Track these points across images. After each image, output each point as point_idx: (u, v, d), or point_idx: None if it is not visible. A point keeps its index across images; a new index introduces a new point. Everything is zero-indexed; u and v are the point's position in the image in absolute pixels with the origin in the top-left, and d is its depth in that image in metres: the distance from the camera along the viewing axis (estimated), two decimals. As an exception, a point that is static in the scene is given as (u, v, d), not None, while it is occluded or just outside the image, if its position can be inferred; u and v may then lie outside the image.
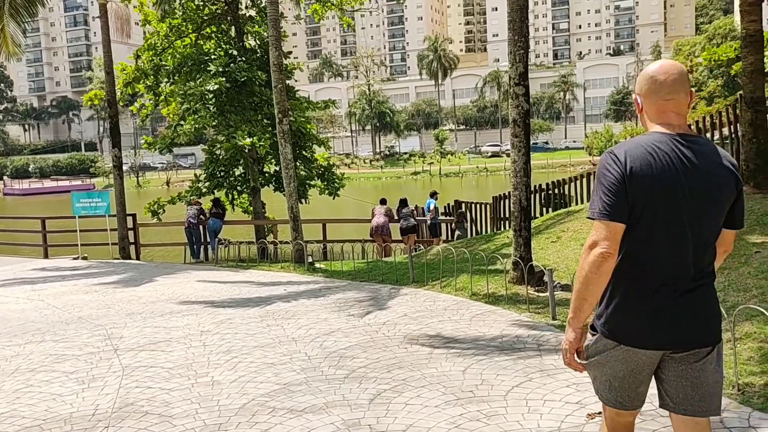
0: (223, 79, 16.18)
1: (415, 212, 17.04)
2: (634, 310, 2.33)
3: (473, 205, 17.68)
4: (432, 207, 16.79)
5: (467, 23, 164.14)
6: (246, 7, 19.16)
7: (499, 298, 7.79)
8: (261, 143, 16.58)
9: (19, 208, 54.14)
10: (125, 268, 14.03)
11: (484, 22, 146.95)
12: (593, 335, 2.44)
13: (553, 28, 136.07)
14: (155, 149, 18.12)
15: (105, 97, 16.88)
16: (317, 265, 13.07)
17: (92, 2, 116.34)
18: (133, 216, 16.91)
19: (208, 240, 17.04)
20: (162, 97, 18.78)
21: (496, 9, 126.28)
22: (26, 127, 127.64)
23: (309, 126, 19.26)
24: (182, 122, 16.92)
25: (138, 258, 16.82)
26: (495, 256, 9.68)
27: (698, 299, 2.34)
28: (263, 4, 17.71)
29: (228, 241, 16.05)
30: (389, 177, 76.50)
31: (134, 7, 18.90)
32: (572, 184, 15.07)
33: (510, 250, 10.20)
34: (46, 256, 17.17)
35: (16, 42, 16.32)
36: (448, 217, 17.90)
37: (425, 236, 17.58)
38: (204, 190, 19.14)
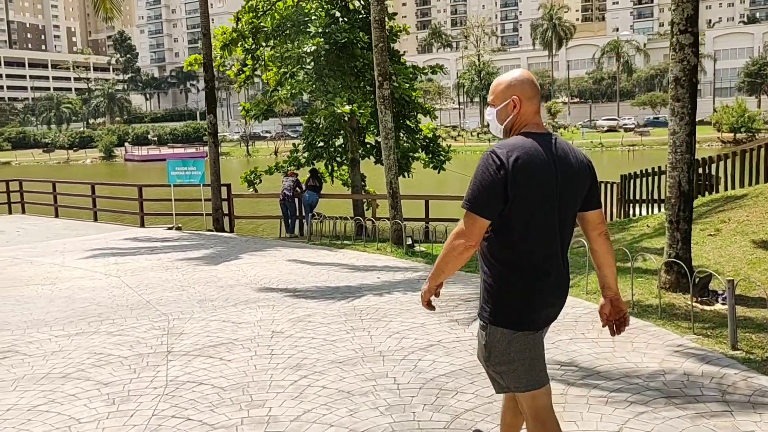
0: (322, 40, 14.89)
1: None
2: (523, 297, 2.56)
3: (596, 185, 15.56)
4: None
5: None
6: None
7: (647, 309, 6.04)
8: (361, 111, 15.26)
9: (137, 174, 56.41)
10: (215, 241, 13.21)
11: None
12: (484, 330, 2.62)
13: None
14: (251, 116, 17.21)
15: (202, 60, 16.05)
16: (417, 247, 11.65)
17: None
18: (228, 186, 16.12)
19: (303, 214, 16.06)
20: (261, 63, 17.84)
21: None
22: (147, 96, 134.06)
23: (414, 94, 17.73)
24: (279, 87, 15.85)
25: (231, 230, 16.06)
26: (639, 252, 7.83)
27: (564, 276, 2.66)
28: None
29: (323, 216, 14.94)
30: (497, 151, 73.63)
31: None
32: (721, 164, 12.69)
33: (652, 243, 8.35)
34: (142, 225, 16.78)
35: (115, 3, 15.77)
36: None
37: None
38: (303, 160, 18.16)
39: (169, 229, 15.55)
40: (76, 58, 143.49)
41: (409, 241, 11.64)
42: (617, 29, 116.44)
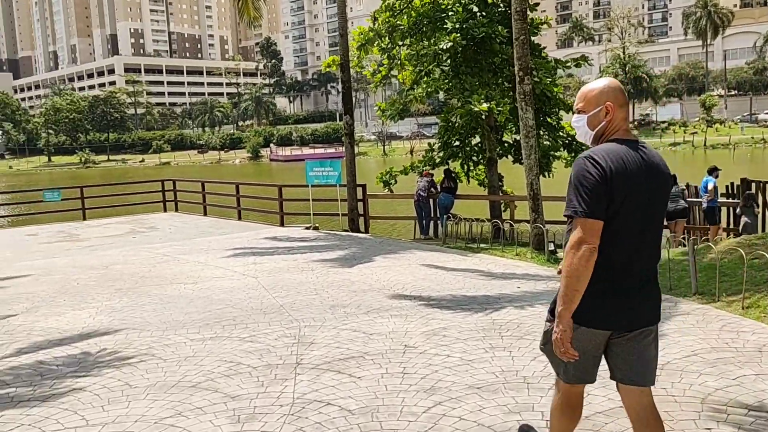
0: (459, 35, 14.37)
1: (686, 192, 13.81)
2: (602, 299, 2.57)
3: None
4: (711, 187, 13.45)
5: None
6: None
7: None
8: (499, 109, 14.58)
9: (282, 173, 58.92)
10: (350, 242, 13.13)
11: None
12: (550, 321, 2.70)
13: None
14: (386, 117, 17.04)
15: (339, 61, 16.09)
16: (560, 253, 10.85)
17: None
18: (363, 186, 16.06)
19: (438, 215, 15.66)
20: (397, 62, 17.63)
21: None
22: (291, 98, 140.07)
23: (556, 89, 16.75)
24: (415, 86, 15.53)
25: (366, 231, 15.98)
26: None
27: (651, 285, 2.65)
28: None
29: (459, 217, 14.44)
30: (643, 148, 69.37)
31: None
32: None
33: None
34: (282, 224, 17.16)
35: (256, 6, 16.21)
36: (731, 200, 14.31)
37: (698, 222, 14.24)
38: (438, 160, 17.75)
39: (307, 228, 15.73)
40: (227, 64, 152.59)
41: (551, 247, 10.87)
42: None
